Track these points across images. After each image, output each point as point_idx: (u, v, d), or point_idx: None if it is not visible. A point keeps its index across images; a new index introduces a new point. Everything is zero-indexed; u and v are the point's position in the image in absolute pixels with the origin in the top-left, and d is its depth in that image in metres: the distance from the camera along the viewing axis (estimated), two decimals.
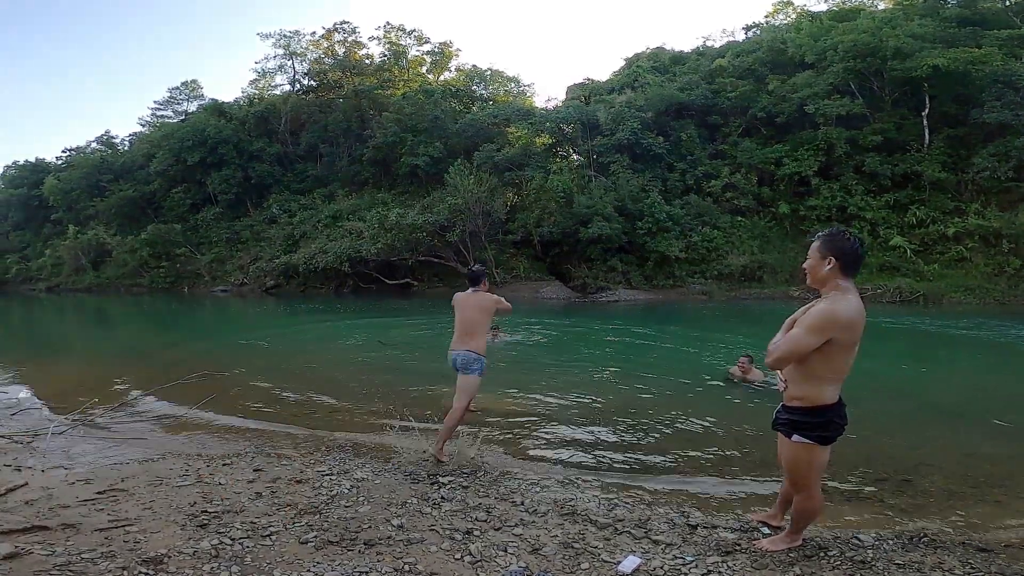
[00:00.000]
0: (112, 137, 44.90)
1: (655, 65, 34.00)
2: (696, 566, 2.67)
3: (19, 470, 3.74)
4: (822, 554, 2.81)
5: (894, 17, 25.07)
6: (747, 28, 37.25)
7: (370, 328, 14.86)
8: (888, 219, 22.99)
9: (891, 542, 2.98)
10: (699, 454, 4.65)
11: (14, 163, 45.52)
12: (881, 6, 30.55)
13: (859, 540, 2.98)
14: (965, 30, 23.97)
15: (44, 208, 40.15)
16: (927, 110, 23.68)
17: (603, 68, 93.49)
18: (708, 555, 2.78)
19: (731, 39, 36.92)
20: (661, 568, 2.64)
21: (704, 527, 3.13)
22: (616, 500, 3.51)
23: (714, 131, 27.81)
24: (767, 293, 21.66)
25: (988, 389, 7.51)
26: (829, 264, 2.48)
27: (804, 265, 2.63)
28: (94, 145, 44.29)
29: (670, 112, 27.37)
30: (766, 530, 3.12)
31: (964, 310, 17.67)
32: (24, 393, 6.85)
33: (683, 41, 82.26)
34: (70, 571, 2.36)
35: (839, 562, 2.73)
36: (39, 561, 2.44)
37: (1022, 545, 3.01)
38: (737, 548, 2.86)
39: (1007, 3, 26.79)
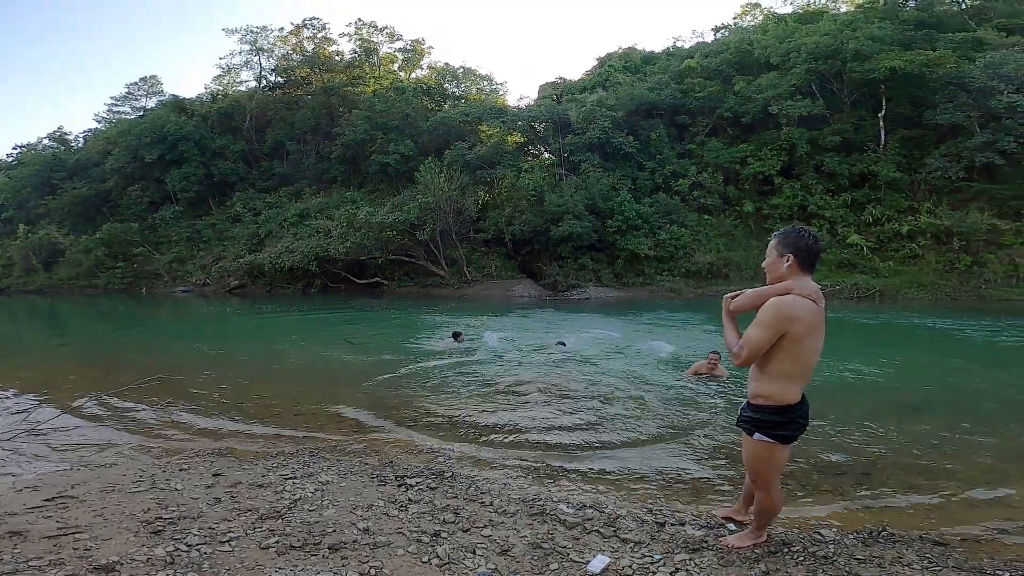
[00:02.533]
0: (65, 134, 43.08)
1: (626, 65, 34.39)
2: (664, 564, 2.69)
3: None
4: (786, 549, 2.86)
5: (855, 20, 25.89)
6: (716, 29, 38.06)
7: (339, 326, 14.63)
8: (846, 217, 23.76)
9: (852, 537, 3.05)
10: (666, 451, 4.70)
11: None
12: (843, 8, 31.52)
13: (821, 535, 3.04)
14: (921, 33, 24.84)
15: None
16: (883, 111, 24.56)
17: (575, 67, 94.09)
18: (676, 553, 2.80)
19: (700, 40, 37.67)
20: (630, 567, 2.65)
21: (672, 524, 3.15)
22: (584, 499, 3.51)
23: (682, 131, 28.28)
24: (733, 289, 22.05)
25: (945, 382, 7.81)
26: (787, 261, 2.52)
27: (763, 264, 2.68)
28: (46, 142, 42.39)
29: (640, 112, 27.71)
30: (732, 527, 3.16)
31: (917, 306, 18.41)
32: None
33: (654, 41, 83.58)
34: None
35: (802, 557, 2.78)
36: None
37: (978, 539, 3.11)
38: (704, 545, 2.89)
39: (962, 6, 27.98)
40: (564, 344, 9.69)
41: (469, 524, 3.03)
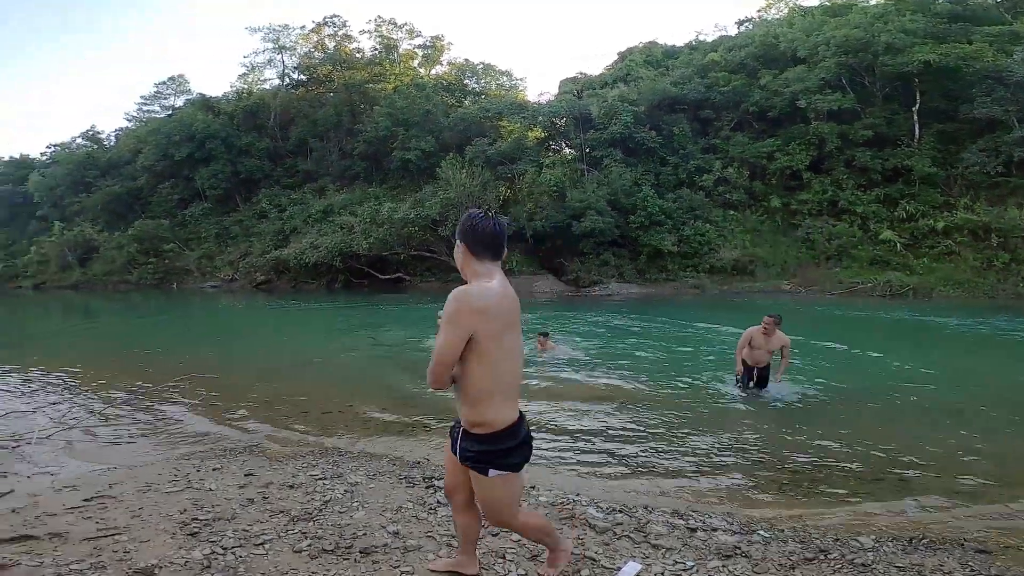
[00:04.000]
0: (98, 132, 44.23)
1: (648, 59, 33.91)
2: (697, 571, 2.64)
3: (4, 476, 3.65)
4: (822, 556, 2.80)
5: (886, 12, 25.15)
6: (739, 22, 37.28)
7: (364, 325, 14.79)
8: (878, 213, 23.11)
9: (891, 544, 2.98)
10: (696, 455, 4.63)
11: None
12: (873, 1, 30.64)
13: (859, 542, 2.97)
14: (956, 26, 24.06)
15: (29, 205, 39.47)
16: (917, 105, 23.78)
17: (596, 62, 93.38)
18: (709, 559, 2.75)
19: (723, 33, 36.87)
20: (662, 573, 2.61)
21: (703, 530, 3.10)
22: (614, 504, 3.47)
23: (706, 125, 27.82)
24: (759, 287, 21.77)
25: (985, 384, 7.53)
26: (462, 250, 2.10)
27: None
28: (79, 141, 43.57)
29: (663, 106, 27.32)
30: (764, 533, 3.10)
31: (953, 304, 17.83)
32: (8, 396, 6.70)
33: (676, 35, 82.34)
34: None
35: (840, 565, 2.71)
36: (27, 572, 2.37)
37: (1021, 547, 3.00)
38: (737, 551, 2.84)
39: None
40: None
41: (498, 528, 3.01)
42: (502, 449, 2.07)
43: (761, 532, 3.10)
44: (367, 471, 3.90)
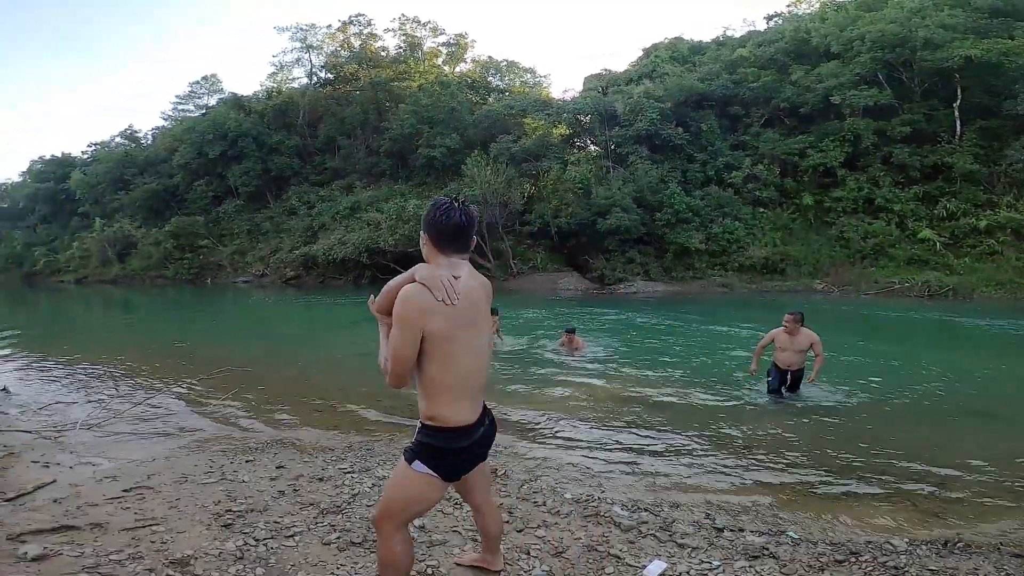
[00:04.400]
0: (135, 131, 45.70)
1: (674, 55, 33.40)
2: (723, 571, 2.62)
3: (47, 467, 3.77)
4: (853, 559, 2.75)
5: (923, 7, 24.23)
6: (768, 17, 36.41)
7: None
8: (917, 211, 22.35)
9: (925, 547, 2.91)
10: (725, 456, 4.57)
11: (40, 158, 46.49)
12: None
13: (892, 545, 2.92)
14: (997, 21, 23.03)
15: (71, 202, 41.04)
16: (959, 101, 22.89)
17: (621, 59, 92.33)
18: (735, 559, 2.73)
19: (752, 28, 36.04)
20: (687, 573, 2.60)
21: (731, 530, 3.07)
22: (640, 502, 3.45)
23: (735, 122, 27.27)
24: (789, 286, 21.26)
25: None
26: (425, 242, 1.96)
27: None
28: (118, 139, 45.09)
29: (690, 103, 26.89)
30: (793, 534, 3.06)
31: (995, 305, 17.15)
32: (51, 387, 6.99)
33: (702, 31, 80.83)
34: (98, 573, 2.35)
35: (871, 567, 2.67)
36: (68, 563, 2.43)
37: None
38: (765, 552, 2.80)
39: None
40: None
41: (523, 524, 3.03)
42: (443, 448, 1.92)
43: (791, 534, 3.06)
44: (393, 465, 3.94)
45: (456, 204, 1.92)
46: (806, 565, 2.68)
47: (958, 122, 23.00)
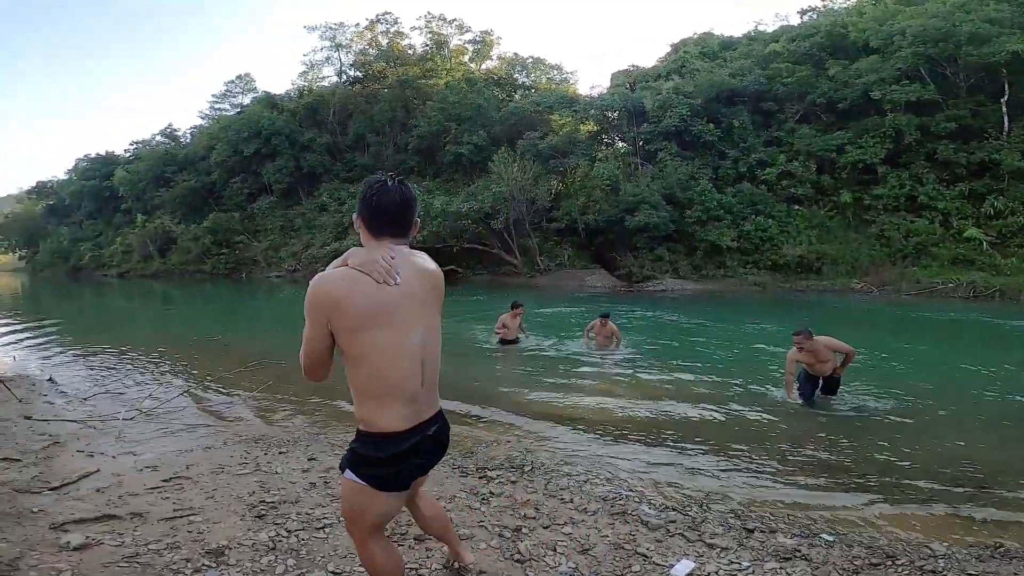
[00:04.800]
0: (175, 130, 47.25)
1: (703, 51, 32.76)
2: (753, 572, 2.58)
3: (91, 456, 3.89)
4: (890, 562, 2.69)
5: (967, 1, 23.16)
6: (802, 12, 35.32)
7: None
8: (962, 210, 21.37)
9: (964, 552, 2.84)
10: (757, 456, 4.48)
11: (85, 156, 48.44)
12: None
13: (931, 549, 2.84)
14: None
15: (114, 198, 42.70)
16: (1006, 96, 21.79)
17: (648, 55, 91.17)
18: (766, 560, 2.68)
19: (785, 23, 35.12)
20: (716, 573, 2.57)
21: (762, 531, 3.02)
22: (668, 501, 3.42)
23: (769, 117, 26.58)
24: (826, 285, 20.64)
25: None
26: (358, 225, 1.77)
27: None
28: (158, 138, 46.69)
29: (721, 98, 26.32)
30: (827, 536, 2.99)
31: None
32: (96, 377, 7.28)
33: (732, 26, 79.02)
34: (137, 563, 2.41)
35: (908, 571, 2.61)
36: (108, 552, 2.48)
37: None
38: (797, 555, 2.75)
39: None
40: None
41: (550, 521, 3.03)
42: (369, 456, 1.73)
43: (824, 535, 3.00)
44: None
45: (391, 181, 1.72)
46: (840, 568, 2.62)
47: (1006, 118, 21.93)
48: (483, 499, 3.28)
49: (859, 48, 25.04)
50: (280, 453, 4.05)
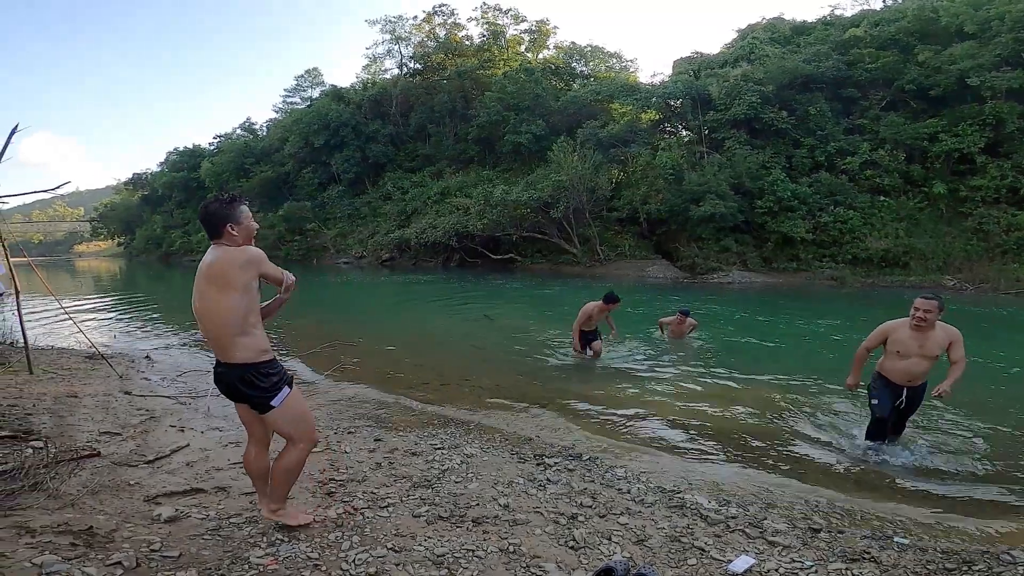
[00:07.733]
0: (253, 124, 50.12)
1: (773, 36, 30.92)
2: (816, 571, 2.50)
3: (182, 431, 4.17)
4: (966, 568, 2.56)
5: None
6: None
7: (478, 300, 15.45)
8: None
9: None
10: (827, 457, 4.31)
11: (175, 149, 52.27)
12: None
13: (1011, 556, 2.67)
14: None
15: (201, 188, 45.82)
16: None
17: (712, 41, 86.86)
18: (831, 561, 2.59)
19: (865, 7, 32.42)
20: (776, 570, 2.51)
21: (828, 532, 2.91)
22: (729, 497, 3.35)
23: (849, 105, 24.80)
24: (912, 281, 19.10)
25: None
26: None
27: None
28: (238, 131, 49.69)
29: (794, 85, 24.78)
30: (901, 539, 2.84)
31: None
32: (188, 355, 7.89)
33: (804, 11, 73.68)
34: (219, 535, 2.59)
35: None
36: (194, 524, 2.66)
37: None
38: (866, 556, 2.64)
39: None
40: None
41: (606, 510, 3.04)
42: (276, 372, 2.55)
43: (898, 539, 2.86)
44: (481, 444, 4.10)
45: (209, 198, 2.49)
46: (911, 572, 2.51)
47: None
48: (540, 486, 3.34)
49: (951, 33, 23.01)
50: (348, 433, 4.27)
